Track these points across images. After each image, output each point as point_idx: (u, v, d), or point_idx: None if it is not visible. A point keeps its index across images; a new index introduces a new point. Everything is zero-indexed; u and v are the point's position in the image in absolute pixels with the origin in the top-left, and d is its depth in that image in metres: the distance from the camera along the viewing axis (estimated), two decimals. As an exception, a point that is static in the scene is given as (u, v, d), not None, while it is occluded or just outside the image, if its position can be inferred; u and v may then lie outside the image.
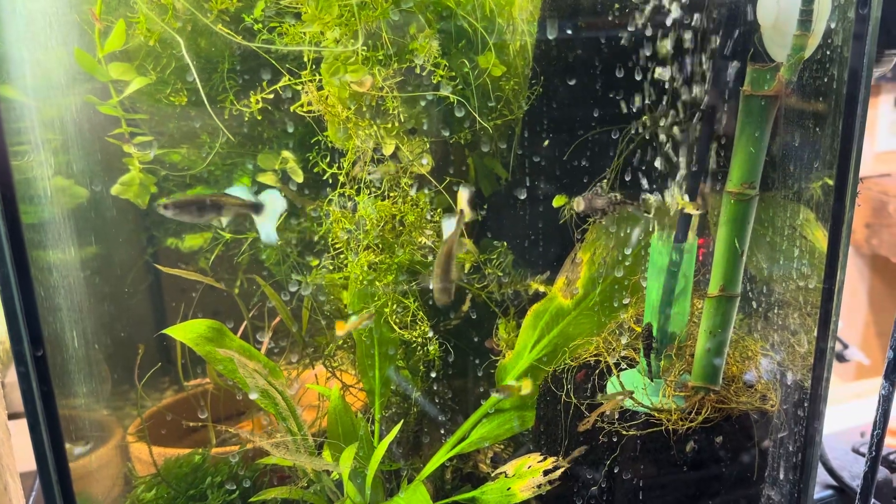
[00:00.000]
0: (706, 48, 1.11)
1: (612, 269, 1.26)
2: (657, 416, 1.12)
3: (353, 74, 1.11)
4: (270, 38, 1.11)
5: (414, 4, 1.11)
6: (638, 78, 1.14)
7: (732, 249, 1.08)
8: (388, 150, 1.20)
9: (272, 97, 1.15)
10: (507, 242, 1.34)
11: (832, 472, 1.54)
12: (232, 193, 1.08)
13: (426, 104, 1.19)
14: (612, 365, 1.22)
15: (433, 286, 1.16)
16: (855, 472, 1.55)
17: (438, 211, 1.25)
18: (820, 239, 1.14)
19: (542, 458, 1.18)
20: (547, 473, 1.15)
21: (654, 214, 1.19)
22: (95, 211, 1.24)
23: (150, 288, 1.43)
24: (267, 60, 1.13)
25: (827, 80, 1.08)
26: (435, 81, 1.16)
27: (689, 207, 1.11)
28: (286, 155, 1.25)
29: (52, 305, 1.06)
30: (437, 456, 1.27)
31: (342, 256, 1.25)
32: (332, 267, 1.27)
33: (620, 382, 1.18)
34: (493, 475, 1.22)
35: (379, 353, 1.28)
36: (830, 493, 1.55)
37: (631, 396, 1.14)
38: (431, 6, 1.15)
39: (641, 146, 1.22)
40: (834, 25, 1.04)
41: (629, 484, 1.14)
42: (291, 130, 1.22)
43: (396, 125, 1.18)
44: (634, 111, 1.18)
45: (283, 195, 1.13)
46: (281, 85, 1.14)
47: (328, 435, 1.24)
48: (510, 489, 1.15)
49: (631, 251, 1.25)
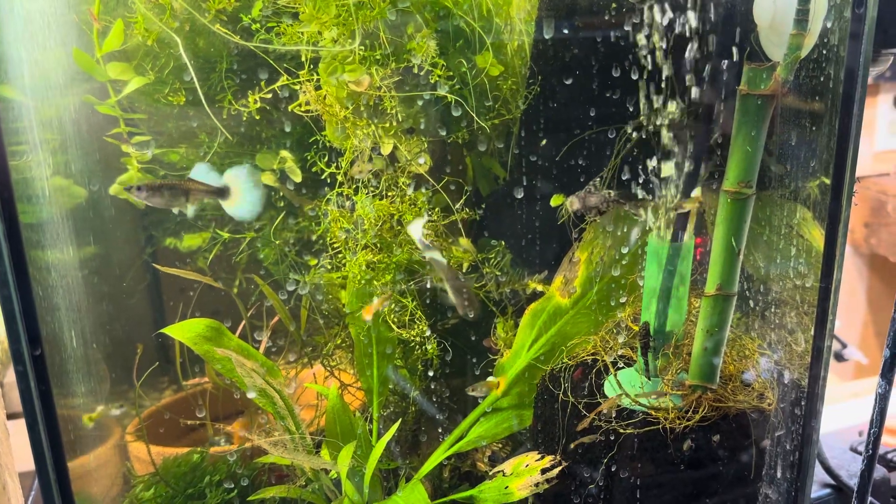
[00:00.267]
0: (703, 48, 1.11)
1: (609, 268, 1.26)
2: (654, 414, 1.12)
3: (350, 74, 1.12)
4: (268, 37, 1.12)
5: (411, 4, 1.11)
6: (634, 77, 1.14)
7: (729, 248, 1.08)
8: (386, 149, 1.20)
9: (270, 97, 1.15)
10: (504, 242, 1.35)
11: (830, 470, 1.54)
12: (196, 178, 1.06)
13: (424, 104, 1.20)
14: (609, 364, 1.22)
15: (459, 306, 1.19)
16: (853, 470, 1.56)
17: (436, 210, 1.25)
18: (817, 238, 1.14)
19: (539, 456, 1.18)
20: (545, 472, 1.15)
21: (648, 213, 1.19)
22: (94, 210, 1.24)
23: (148, 287, 1.43)
24: (265, 60, 1.14)
25: (823, 79, 1.08)
26: (433, 81, 1.16)
27: (689, 202, 1.11)
28: (284, 154, 1.25)
29: (50, 305, 1.06)
30: (435, 455, 1.27)
31: (340, 256, 1.25)
32: (330, 266, 1.27)
33: (618, 381, 1.18)
34: (490, 474, 1.22)
35: (377, 352, 1.28)
36: (828, 491, 1.55)
37: (638, 402, 1.14)
38: (429, 6, 1.15)
39: (638, 145, 1.22)
40: (830, 25, 1.04)
41: (626, 482, 1.14)
42: (289, 130, 1.22)
43: (394, 125, 1.18)
44: (631, 110, 1.18)
45: (256, 170, 1.10)
46: (279, 85, 1.14)
47: (326, 434, 1.24)
48: (508, 488, 1.16)
49: (628, 250, 1.26)
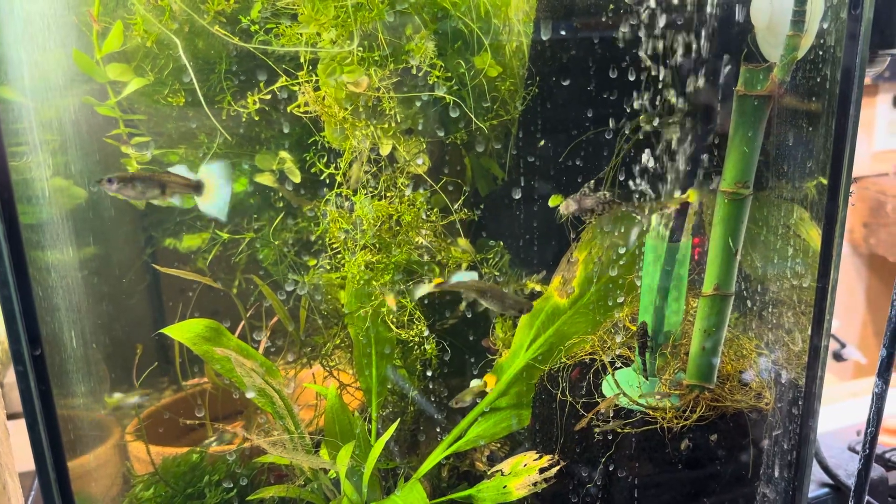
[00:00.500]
0: (700, 49, 1.11)
1: (607, 268, 1.26)
2: (652, 414, 1.12)
3: (349, 75, 1.12)
4: (267, 39, 1.12)
5: (409, 5, 1.12)
6: (632, 78, 1.15)
7: (726, 248, 1.08)
8: (385, 150, 1.20)
9: (269, 98, 1.16)
10: (503, 242, 1.35)
11: (828, 470, 1.54)
12: (174, 172, 1.06)
13: (423, 105, 1.20)
14: (607, 363, 1.23)
15: (512, 309, 1.21)
16: (851, 470, 1.56)
17: (435, 211, 1.25)
18: (814, 238, 1.15)
19: (537, 456, 1.19)
20: (543, 471, 1.15)
21: (644, 214, 1.20)
22: (93, 211, 1.24)
23: (148, 288, 1.43)
24: (264, 61, 1.14)
25: (820, 80, 1.08)
26: (431, 82, 1.16)
27: (691, 196, 1.11)
28: (283, 155, 1.26)
29: (50, 305, 1.06)
30: (433, 454, 1.27)
31: (339, 256, 1.26)
32: (329, 267, 1.28)
33: (616, 381, 1.18)
34: (489, 473, 1.23)
35: (376, 352, 1.28)
36: (826, 490, 1.55)
37: (633, 400, 1.15)
38: (427, 7, 1.15)
39: (636, 146, 1.22)
40: (827, 26, 1.04)
41: (625, 482, 1.15)
42: (288, 131, 1.22)
43: (393, 126, 1.19)
44: (629, 111, 1.18)
45: (230, 167, 1.09)
46: (278, 86, 1.14)
47: (325, 433, 1.25)
48: (506, 487, 1.16)
49: (626, 250, 1.26)
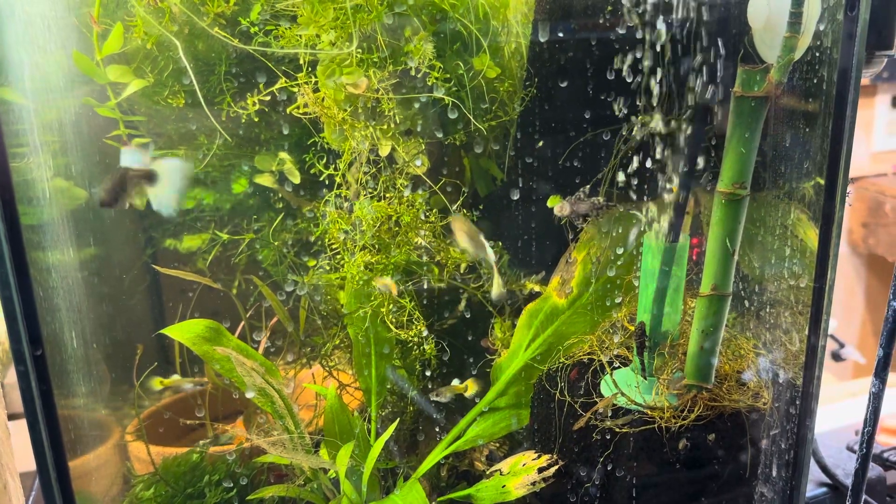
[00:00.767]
0: (698, 50, 1.12)
1: (605, 268, 1.27)
2: (650, 413, 1.13)
3: (348, 76, 1.13)
4: (267, 40, 1.13)
5: (408, 7, 1.12)
6: (630, 80, 1.15)
7: (724, 249, 1.09)
8: (384, 151, 1.21)
9: (269, 99, 1.16)
10: (502, 242, 1.36)
11: (826, 469, 1.55)
12: (128, 159, 1.05)
13: (421, 106, 1.21)
14: (605, 363, 1.23)
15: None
16: (849, 469, 1.56)
17: (434, 212, 1.26)
18: (811, 238, 1.15)
19: (536, 455, 1.19)
20: (541, 471, 1.16)
21: (637, 219, 1.20)
22: (94, 212, 1.25)
23: (148, 288, 1.44)
24: (263, 63, 1.14)
25: (817, 81, 1.09)
26: (430, 83, 1.17)
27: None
28: (283, 156, 1.26)
29: (51, 306, 1.07)
30: (433, 454, 1.28)
31: (339, 257, 1.26)
32: (328, 267, 1.28)
33: (614, 381, 1.19)
34: (488, 473, 1.23)
35: (375, 352, 1.29)
36: (825, 490, 1.56)
37: (625, 395, 1.15)
38: (426, 9, 1.16)
39: (634, 148, 1.23)
40: (823, 27, 1.05)
41: (623, 481, 1.15)
42: (288, 132, 1.23)
43: (392, 127, 1.19)
44: (627, 112, 1.19)
45: (185, 165, 1.09)
46: (277, 87, 1.15)
47: (325, 433, 1.25)
48: (505, 487, 1.17)
49: (624, 251, 1.27)
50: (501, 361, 1.32)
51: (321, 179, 1.22)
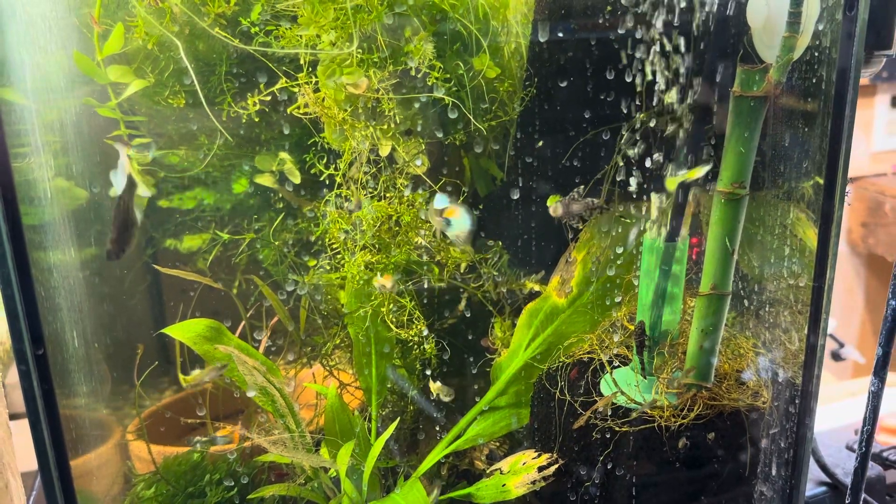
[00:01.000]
0: (698, 49, 1.12)
1: (605, 268, 1.27)
2: (650, 412, 1.13)
3: (348, 77, 1.13)
4: (267, 41, 1.13)
5: (408, 7, 1.12)
6: (630, 80, 1.15)
7: (723, 248, 1.09)
8: (384, 151, 1.21)
9: (269, 99, 1.16)
10: (502, 242, 1.36)
11: (825, 468, 1.55)
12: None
13: (422, 106, 1.21)
14: (605, 363, 1.24)
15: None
16: (848, 469, 1.56)
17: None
18: (811, 237, 1.15)
19: (536, 454, 1.19)
20: (541, 470, 1.16)
21: (634, 219, 1.20)
22: (95, 212, 1.25)
23: (149, 288, 1.44)
24: (264, 63, 1.15)
25: (816, 80, 1.09)
26: (430, 83, 1.17)
27: (692, 174, 1.09)
28: (283, 156, 1.26)
29: (52, 305, 1.07)
30: (433, 453, 1.28)
31: (339, 256, 1.27)
32: (329, 267, 1.28)
33: (614, 380, 1.19)
34: (488, 472, 1.23)
35: (375, 351, 1.29)
36: (824, 489, 1.56)
37: (625, 395, 1.16)
38: (426, 9, 1.16)
39: (632, 147, 1.23)
40: (822, 27, 1.05)
41: (623, 480, 1.15)
42: (288, 132, 1.23)
43: (392, 127, 1.19)
44: (626, 112, 1.19)
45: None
46: (278, 87, 1.15)
47: (325, 432, 1.26)
48: (505, 485, 1.17)
49: (623, 250, 1.27)
50: (501, 361, 1.32)
51: (321, 179, 1.23)
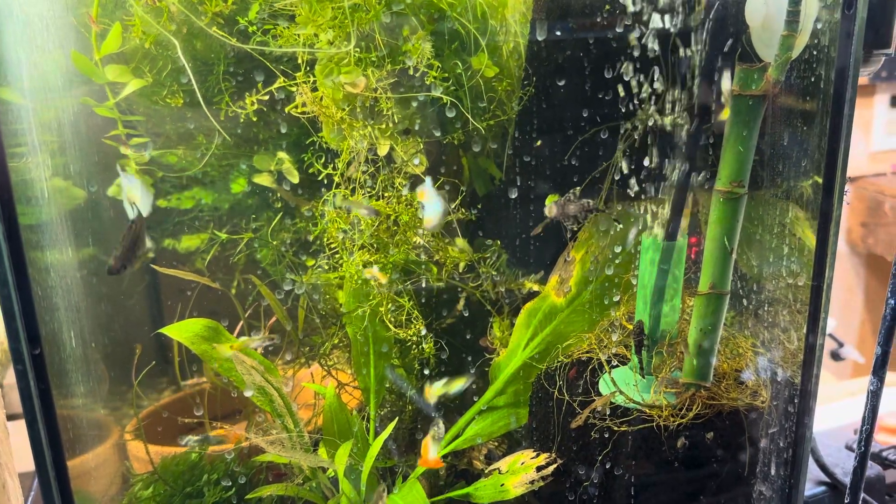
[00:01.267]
0: (696, 49, 1.12)
1: (603, 267, 1.27)
2: (648, 412, 1.13)
3: (346, 76, 1.13)
4: (265, 40, 1.13)
5: (406, 6, 1.12)
6: (628, 79, 1.15)
7: (722, 247, 1.09)
8: (382, 150, 1.21)
9: (267, 99, 1.16)
10: (500, 242, 1.36)
11: (825, 468, 1.54)
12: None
13: (420, 105, 1.21)
14: (604, 362, 1.23)
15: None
16: (847, 468, 1.56)
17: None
18: (809, 237, 1.15)
19: (535, 454, 1.19)
20: (540, 469, 1.16)
21: (635, 218, 1.20)
22: (92, 212, 1.25)
23: (146, 288, 1.44)
24: (262, 62, 1.15)
25: (814, 79, 1.09)
26: (428, 83, 1.17)
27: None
28: (281, 156, 1.26)
29: (49, 305, 1.07)
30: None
31: (337, 256, 1.26)
32: (327, 266, 1.28)
33: (612, 380, 1.19)
34: (487, 472, 1.23)
35: (374, 351, 1.29)
36: (823, 489, 1.56)
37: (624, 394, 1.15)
38: (424, 8, 1.16)
39: (631, 147, 1.23)
40: (821, 25, 1.05)
41: (621, 479, 1.15)
42: (286, 131, 1.23)
43: (390, 126, 1.19)
44: (625, 112, 1.19)
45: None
46: (276, 87, 1.15)
47: (324, 432, 1.25)
48: (504, 485, 1.17)
49: (622, 250, 1.27)
50: (500, 360, 1.32)
51: (320, 179, 1.23)
